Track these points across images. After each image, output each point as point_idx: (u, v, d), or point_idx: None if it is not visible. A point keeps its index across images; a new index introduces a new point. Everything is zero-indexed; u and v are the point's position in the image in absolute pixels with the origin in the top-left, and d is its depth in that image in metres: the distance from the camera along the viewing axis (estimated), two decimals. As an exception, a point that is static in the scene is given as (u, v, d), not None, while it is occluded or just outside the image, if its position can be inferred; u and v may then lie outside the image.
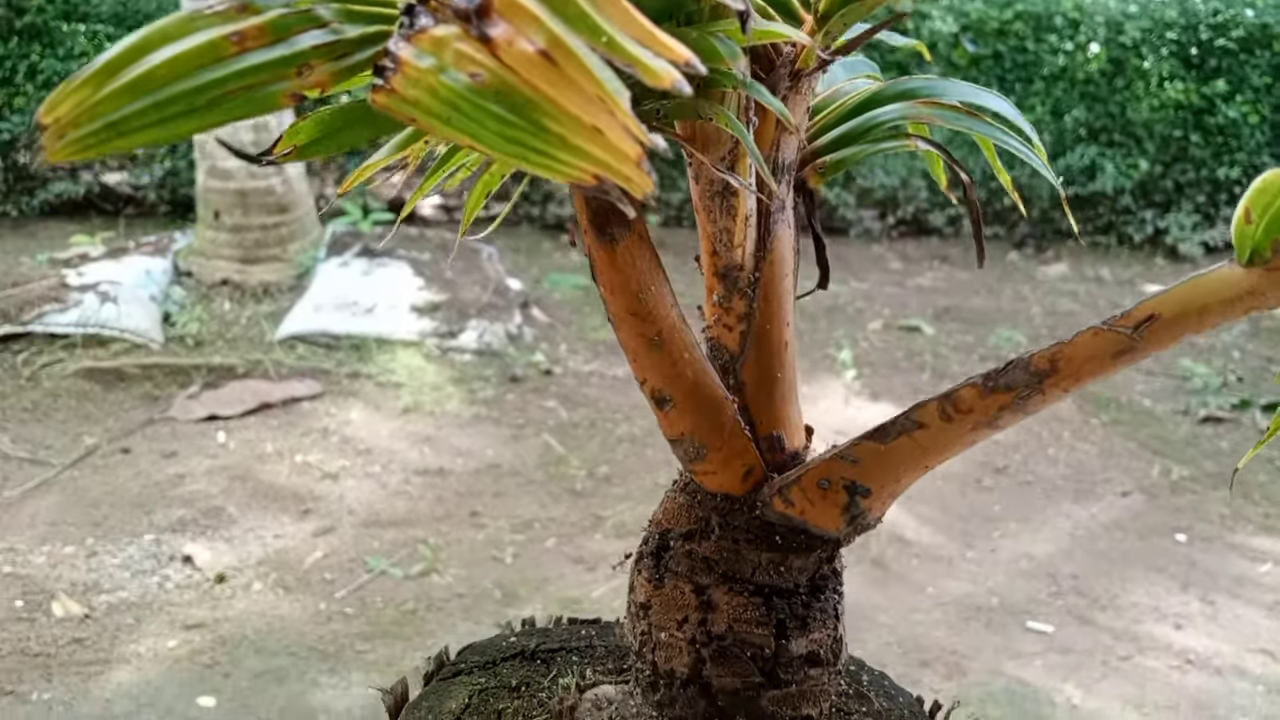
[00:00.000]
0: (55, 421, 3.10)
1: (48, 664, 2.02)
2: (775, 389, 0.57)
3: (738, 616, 0.56)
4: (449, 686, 0.70)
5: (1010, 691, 2.06)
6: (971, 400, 0.51)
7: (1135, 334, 0.48)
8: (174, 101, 0.35)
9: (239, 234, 3.97)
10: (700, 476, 0.57)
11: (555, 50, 0.29)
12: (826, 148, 0.61)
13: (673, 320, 0.52)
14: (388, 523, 2.60)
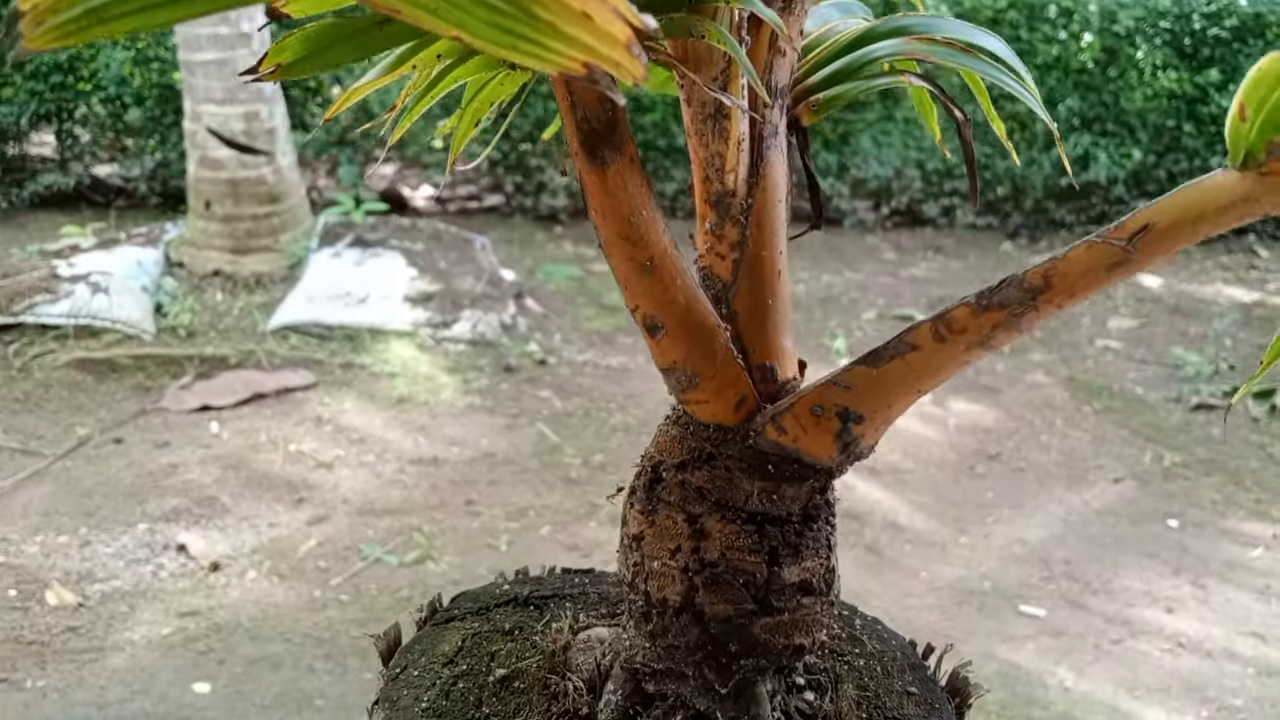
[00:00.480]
0: (47, 412, 3.09)
1: (42, 652, 2.02)
2: (768, 318, 0.57)
3: (730, 544, 0.56)
4: (442, 631, 0.71)
5: (1003, 674, 2.07)
6: (965, 319, 0.50)
7: (1129, 245, 0.47)
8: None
9: (230, 224, 3.96)
10: (693, 406, 0.57)
11: None
12: (820, 85, 0.60)
13: (664, 246, 0.52)
14: (382, 511, 2.60)
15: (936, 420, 3.27)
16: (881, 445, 2.45)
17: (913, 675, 0.70)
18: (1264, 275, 5.08)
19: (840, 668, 0.69)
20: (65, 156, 5.26)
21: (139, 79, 4.99)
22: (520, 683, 0.64)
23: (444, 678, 0.65)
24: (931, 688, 0.70)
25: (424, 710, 0.63)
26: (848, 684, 0.67)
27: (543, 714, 0.61)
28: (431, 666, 0.67)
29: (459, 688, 0.64)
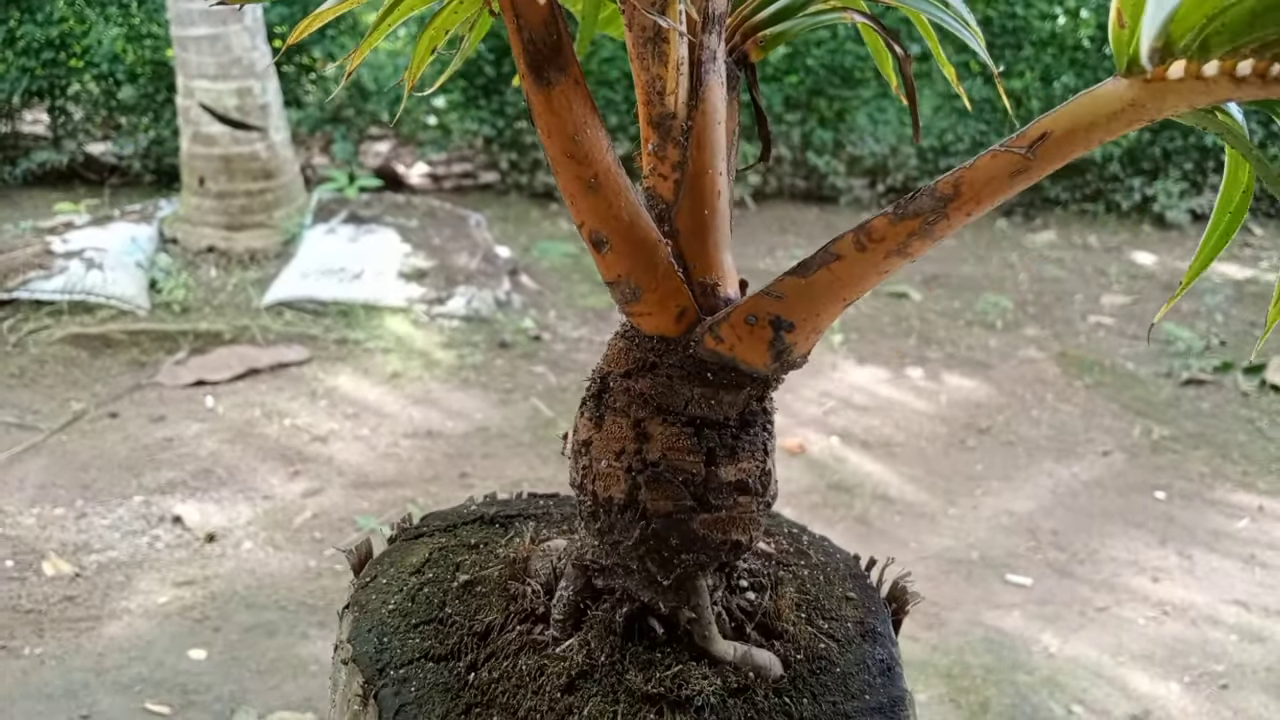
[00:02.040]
0: (43, 387, 3.11)
1: (39, 621, 2.04)
2: (709, 236, 0.59)
3: (671, 445, 0.59)
4: (411, 546, 0.74)
5: (988, 640, 2.10)
6: (883, 229, 0.52)
7: (1029, 152, 0.48)
8: None
9: (224, 200, 3.96)
10: (637, 319, 0.59)
11: None
12: (766, 21, 0.62)
13: (608, 164, 0.54)
14: (377, 484, 2.62)
15: (929, 394, 3.29)
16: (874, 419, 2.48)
17: (853, 583, 0.74)
18: (1258, 253, 5.09)
19: (783, 574, 0.71)
20: (58, 134, 5.25)
21: (131, 56, 4.98)
22: (482, 587, 0.67)
23: (410, 584, 0.68)
24: (871, 594, 0.72)
25: (390, 611, 0.66)
26: (789, 587, 0.70)
27: (501, 612, 0.65)
28: (399, 575, 0.70)
29: (424, 593, 0.67)
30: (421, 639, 0.62)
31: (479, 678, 0.60)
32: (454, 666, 0.61)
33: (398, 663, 0.61)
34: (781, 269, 2.72)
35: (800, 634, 0.66)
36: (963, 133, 5.33)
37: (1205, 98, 0.44)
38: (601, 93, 4.93)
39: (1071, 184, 5.46)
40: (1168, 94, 0.44)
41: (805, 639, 0.65)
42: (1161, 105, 0.45)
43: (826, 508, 2.60)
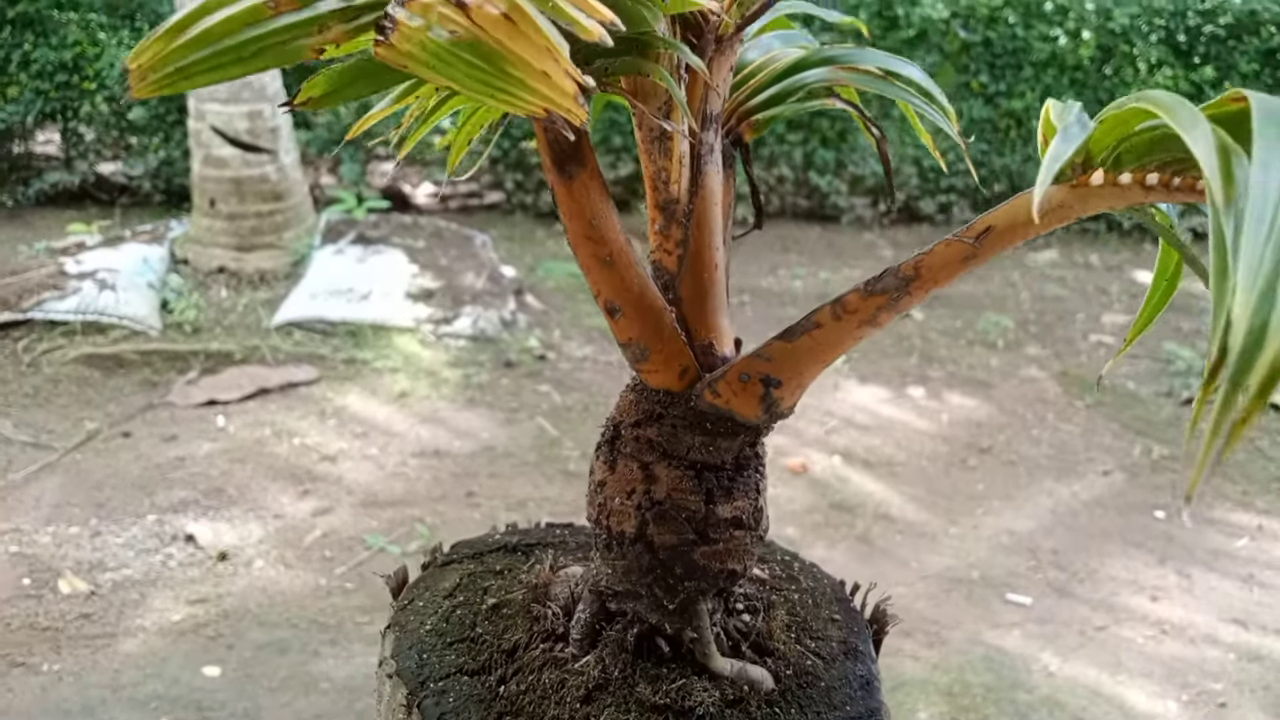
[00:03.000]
0: (57, 406, 3.15)
1: (57, 638, 2.08)
2: (707, 303, 0.67)
3: (675, 486, 0.66)
4: (443, 572, 0.82)
5: (988, 659, 2.13)
6: (856, 303, 0.60)
7: (976, 243, 0.56)
8: (226, 52, 0.44)
9: (235, 222, 4.01)
10: (646, 375, 0.67)
11: (514, 13, 0.38)
12: (758, 107, 0.70)
13: (620, 243, 0.61)
14: (385, 503, 2.66)
15: (930, 414, 3.33)
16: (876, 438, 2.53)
17: (839, 606, 0.81)
18: (1258, 271, 5.14)
19: (775, 598, 0.78)
20: (70, 155, 5.32)
21: (144, 78, 5.05)
22: (508, 609, 0.75)
23: (444, 607, 0.76)
24: (854, 616, 0.80)
25: (428, 631, 0.73)
26: (780, 610, 0.76)
27: (525, 632, 0.72)
28: (434, 599, 0.78)
29: (457, 614, 0.75)
30: (456, 655, 0.70)
31: (508, 690, 0.67)
32: (486, 680, 0.68)
33: (436, 676, 0.68)
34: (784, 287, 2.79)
35: (790, 652, 0.73)
36: (962, 153, 5.38)
37: (1121, 201, 0.50)
38: (608, 114, 4.99)
39: (1072, 203, 5.51)
40: (1090, 197, 0.51)
41: (794, 657, 0.72)
42: (1085, 206, 0.52)
43: (829, 527, 2.63)
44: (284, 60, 0.44)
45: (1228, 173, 0.38)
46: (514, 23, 0.38)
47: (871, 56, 0.70)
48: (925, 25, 5.22)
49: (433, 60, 0.39)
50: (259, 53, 0.44)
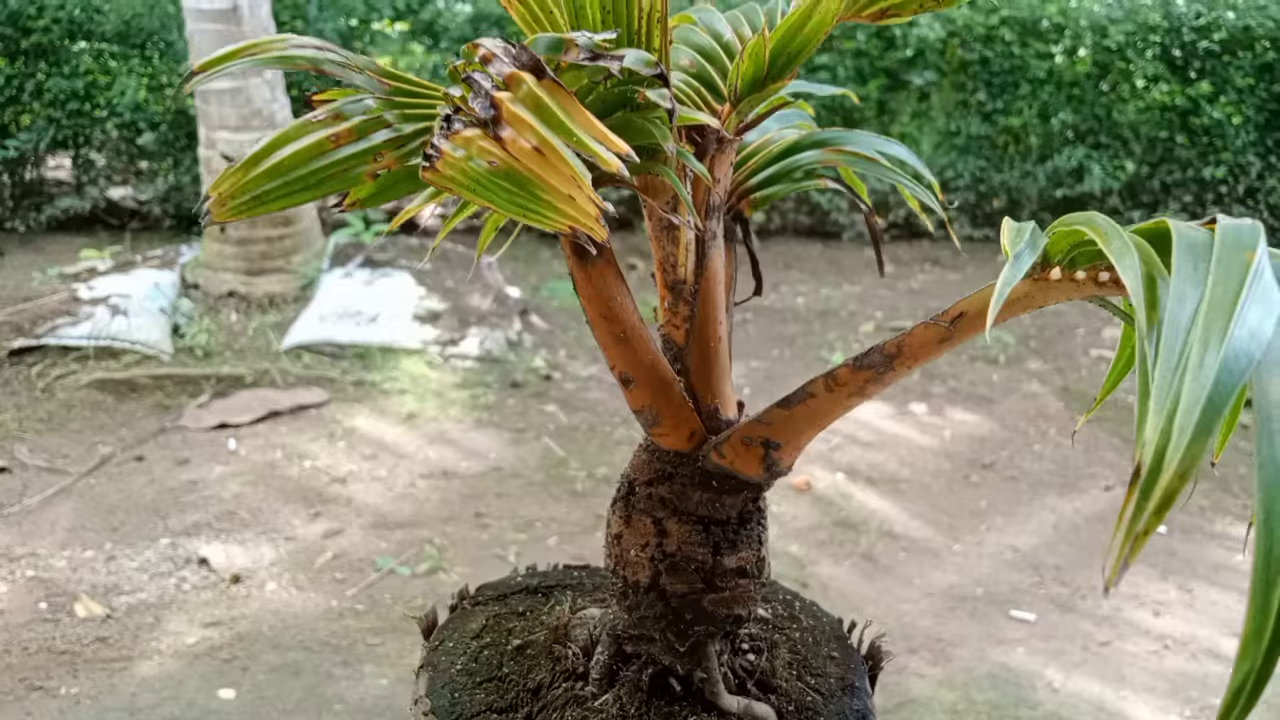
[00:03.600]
0: (71, 431, 3.20)
1: (74, 661, 2.12)
2: (712, 372, 0.73)
3: (684, 539, 0.72)
4: (470, 613, 0.87)
5: (993, 676, 2.15)
6: (846, 376, 0.66)
7: (951, 326, 0.61)
8: (296, 181, 0.51)
9: (244, 246, 4.07)
10: (657, 438, 0.73)
11: (544, 147, 0.43)
12: (758, 185, 0.75)
13: (633, 321, 0.67)
14: (395, 524, 2.70)
15: (933, 430, 3.36)
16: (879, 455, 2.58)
17: (837, 644, 0.85)
18: (1259, 283, 5.17)
19: (778, 637, 0.82)
20: (81, 180, 5.38)
21: (154, 105, 5.12)
22: (531, 650, 0.80)
23: (473, 648, 0.81)
24: (852, 654, 0.84)
25: (459, 671, 0.78)
26: (782, 649, 0.80)
27: (549, 672, 0.77)
28: (463, 640, 0.83)
29: (484, 655, 0.80)
30: (485, 694, 0.75)
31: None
32: (513, 717, 0.73)
33: (468, 714, 0.73)
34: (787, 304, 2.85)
35: (791, 689, 0.78)
36: (962, 169, 5.43)
37: (1078, 293, 0.56)
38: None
39: (1073, 218, 5.55)
40: (1050, 290, 0.56)
41: (795, 693, 0.77)
42: (1047, 297, 0.57)
43: (833, 544, 2.67)
44: (346, 185, 0.50)
45: (1151, 301, 0.42)
46: (544, 155, 0.43)
47: (859, 138, 0.75)
48: (922, 45, 5.27)
49: (473, 184, 0.44)
50: (324, 180, 0.50)
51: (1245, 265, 0.40)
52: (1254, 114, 5.26)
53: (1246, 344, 0.38)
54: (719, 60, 0.68)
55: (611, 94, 0.50)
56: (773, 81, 0.63)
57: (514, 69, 0.44)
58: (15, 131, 5.07)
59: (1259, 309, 0.38)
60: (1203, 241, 0.42)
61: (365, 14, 5.31)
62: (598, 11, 0.53)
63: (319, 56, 0.52)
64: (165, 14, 5.04)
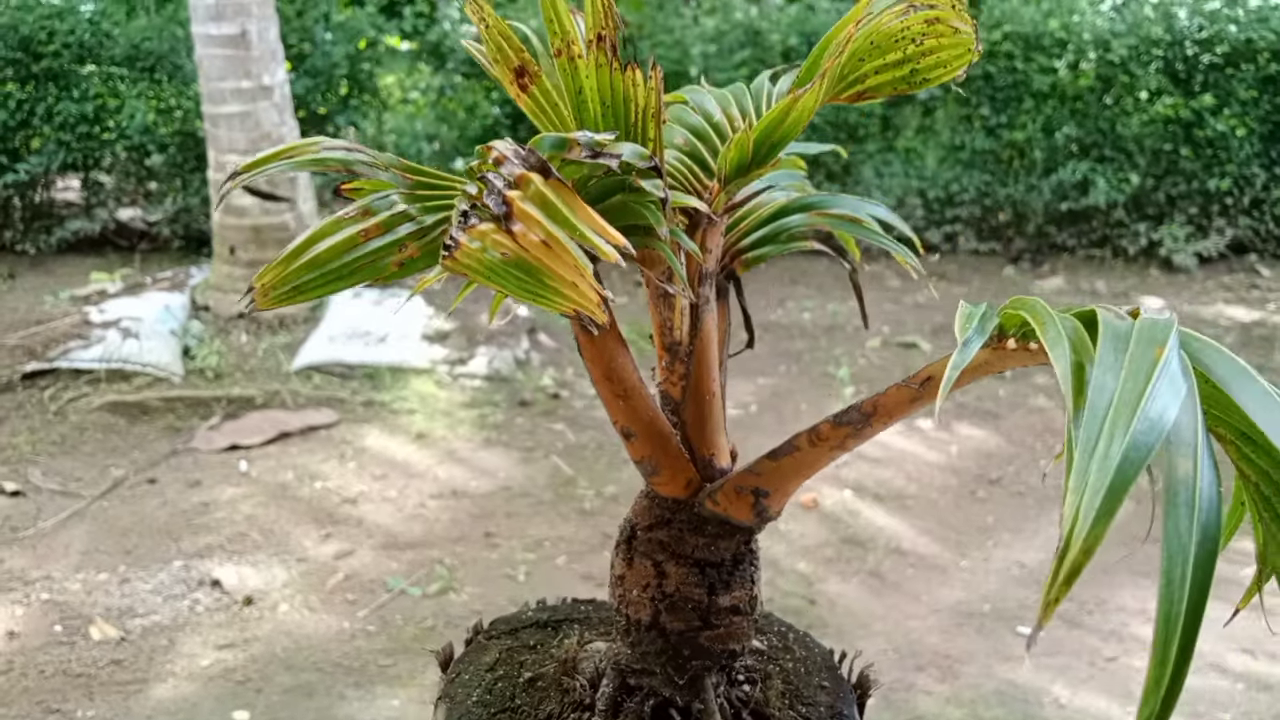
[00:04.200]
0: (83, 454, 3.23)
1: (89, 684, 2.14)
2: (707, 425, 0.78)
3: (682, 580, 0.77)
4: (484, 647, 0.92)
5: (1000, 693, 2.16)
6: (828, 432, 0.70)
7: (920, 388, 0.65)
8: (331, 273, 0.57)
9: (254, 268, 4.11)
10: (657, 486, 0.78)
11: (550, 240, 0.48)
12: (749, 247, 0.81)
13: (633, 382, 0.72)
14: (405, 544, 2.72)
15: (940, 445, 3.38)
16: (886, 471, 2.61)
17: (827, 674, 0.89)
18: (1265, 294, 5.16)
19: (771, 668, 0.88)
20: (90, 202, 5.44)
21: (162, 128, 5.18)
22: (542, 682, 0.85)
23: (487, 680, 0.86)
24: (841, 683, 0.88)
25: (474, 703, 0.82)
26: (776, 680, 0.86)
27: (558, 703, 0.82)
28: (478, 673, 0.87)
29: (498, 687, 0.85)
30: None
31: None
32: None
33: None
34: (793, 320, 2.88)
35: (784, 717, 0.82)
36: (967, 183, 5.46)
37: (1032, 360, 0.59)
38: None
39: (1078, 230, 5.56)
40: (1007, 358, 0.60)
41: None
42: (1004, 364, 0.61)
43: (840, 561, 2.68)
44: (375, 274, 0.55)
45: (1079, 388, 0.45)
46: (551, 247, 0.48)
47: (844, 201, 0.81)
48: (926, 60, 5.30)
49: (487, 272, 0.49)
50: (356, 271, 0.56)
51: (1154, 361, 0.44)
52: (1258, 126, 5.28)
53: (1146, 436, 0.42)
54: (710, 139, 0.73)
55: (610, 181, 0.54)
56: (757, 167, 0.68)
57: (523, 170, 0.49)
58: (26, 155, 5.13)
59: (1161, 401, 0.43)
60: (1125, 332, 0.46)
61: (373, 37, 5.37)
62: (598, 106, 0.57)
63: (349, 158, 0.57)
64: (174, 38, 5.10)
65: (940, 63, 0.70)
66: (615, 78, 0.58)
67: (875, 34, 0.65)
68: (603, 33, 0.57)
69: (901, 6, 0.65)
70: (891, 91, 0.71)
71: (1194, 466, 0.43)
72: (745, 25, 5.47)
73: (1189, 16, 5.24)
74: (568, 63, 0.59)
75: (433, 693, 2.08)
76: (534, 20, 5.37)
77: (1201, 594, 0.42)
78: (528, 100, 0.64)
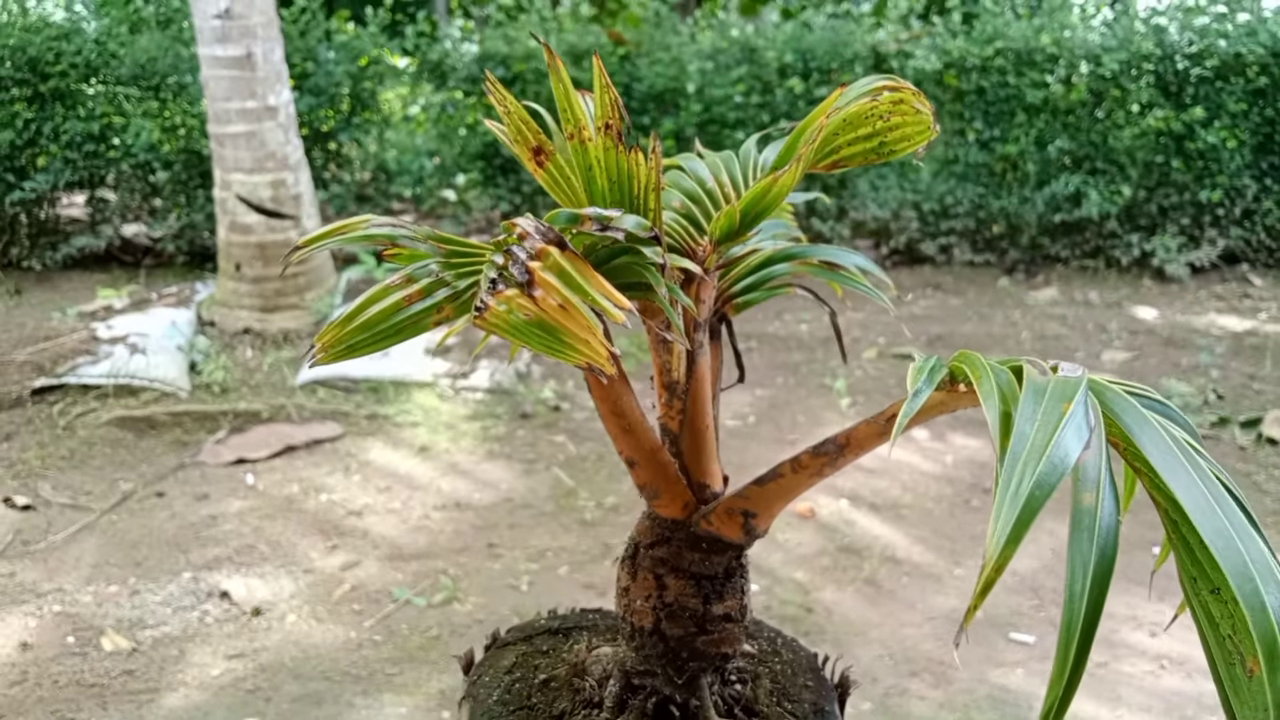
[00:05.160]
0: (92, 468, 3.29)
1: (103, 694, 2.19)
2: (702, 454, 0.87)
3: (680, 592, 0.86)
4: (501, 652, 1.00)
5: (993, 698, 2.21)
6: (807, 461, 0.79)
7: (885, 424, 0.72)
8: (380, 333, 0.65)
9: (259, 284, 4.17)
10: (657, 509, 0.88)
11: (566, 304, 0.56)
12: (738, 292, 0.90)
13: (637, 417, 0.82)
14: (410, 555, 2.77)
15: (934, 455, 3.43)
16: (882, 481, 2.69)
17: (811, 675, 0.96)
18: (1257, 303, 5.22)
19: (760, 670, 0.95)
20: (95, 219, 5.51)
21: (167, 146, 5.25)
22: (555, 683, 0.93)
23: (505, 681, 0.94)
24: (824, 683, 0.96)
25: (495, 701, 0.91)
26: (765, 680, 0.94)
27: (570, 701, 0.90)
28: (497, 675, 0.96)
29: (516, 688, 0.93)
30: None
31: None
32: None
33: None
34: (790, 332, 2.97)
35: (772, 713, 0.90)
36: (962, 196, 5.52)
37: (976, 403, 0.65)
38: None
39: (1071, 241, 5.63)
40: (960, 399, 0.68)
41: (775, 717, 0.90)
42: (958, 404, 0.69)
43: (837, 570, 2.73)
44: (418, 332, 0.64)
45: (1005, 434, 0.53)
46: (567, 310, 0.56)
47: (823, 251, 0.90)
48: (920, 76, 5.38)
49: (512, 330, 0.57)
50: (400, 330, 0.65)
51: (1062, 414, 0.52)
52: (1248, 138, 5.35)
53: (1049, 476, 0.50)
54: (703, 202, 0.81)
55: (617, 246, 0.62)
56: (744, 233, 0.78)
57: (543, 244, 0.58)
58: (33, 173, 5.20)
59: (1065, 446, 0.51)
60: (1042, 387, 0.53)
61: (375, 55, 5.45)
62: (605, 180, 0.65)
63: (394, 233, 0.65)
64: (178, 57, 5.18)
65: (904, 136, 0.78)
66: (621, 158, 0.67)
67: (851, 115, 0.75)
68: (610, 122, 0.66)
69: (873, 89, 0.73)
70: (863, 161, 0.80)
71: (1096, 499, 0.50)
72: (742, 43, 5.55)
73: (1179, 31, 5.31)
74: (579, 144, 0.68)
75: (438, 700, 2.13)
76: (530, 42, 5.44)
77: (1097, 603, 0.50)
78: (544, 174, 0.72)
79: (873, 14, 6.32)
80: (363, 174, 5.66)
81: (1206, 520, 0.50)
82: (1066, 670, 0.49)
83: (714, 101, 5.33)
